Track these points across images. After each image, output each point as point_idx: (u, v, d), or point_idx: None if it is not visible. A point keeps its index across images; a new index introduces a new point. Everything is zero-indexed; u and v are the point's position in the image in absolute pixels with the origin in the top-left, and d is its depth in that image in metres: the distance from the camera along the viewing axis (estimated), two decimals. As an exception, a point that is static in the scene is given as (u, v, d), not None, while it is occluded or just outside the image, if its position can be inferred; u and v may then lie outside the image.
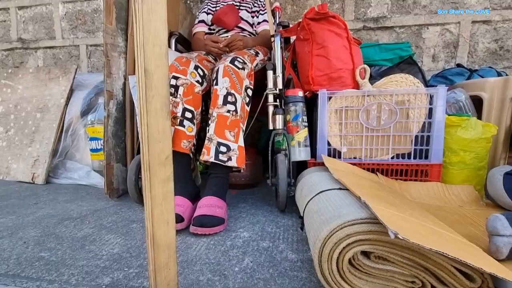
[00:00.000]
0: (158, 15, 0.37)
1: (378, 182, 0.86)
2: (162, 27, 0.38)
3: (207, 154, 0.86)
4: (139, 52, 0.37)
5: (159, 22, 0.38)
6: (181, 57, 0.94)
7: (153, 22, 0.37)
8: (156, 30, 0.37)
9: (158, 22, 0.38)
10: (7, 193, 1.24)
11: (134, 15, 0.36)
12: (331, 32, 0.99)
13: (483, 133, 0.92)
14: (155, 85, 0.38)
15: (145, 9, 0.36)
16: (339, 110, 1.00)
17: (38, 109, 1.53)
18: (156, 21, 0.37)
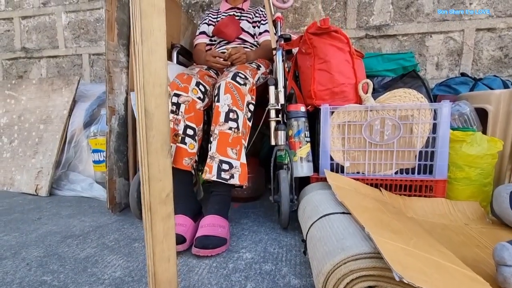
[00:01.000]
0: (158, 56, 0.37)
1: (381, 200, 0.85)
2: (162, 66, 0.38)
3: (209, 172, 0.85)
4: (139, 93, 0.37)
5: (159, 62, 0.37)
6: (182, 73, 0.94)
7: (153, 63, 0.37)
8: (156, 70, 0.37)
9: (159, 62, 0.37)
10: (11, 206, 1.24)
11: (134, 57, 0.36)
12: (333, 46, 0.98)
13: (489, 149, 0.91)
14: (156, 125, 0.38)
15: (145, 51, 0.36)
16: (341, 124, 0.99)
17: (42, 121, 1.54)
18: (156, 62, 0.37)
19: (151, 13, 0.35)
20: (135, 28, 0.35)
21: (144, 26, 0.35)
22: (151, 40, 0.36)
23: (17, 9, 2.14)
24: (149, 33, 0.36)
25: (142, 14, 0.35)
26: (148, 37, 0.36)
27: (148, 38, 0.36)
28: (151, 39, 0.36)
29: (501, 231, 0.80)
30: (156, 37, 0.36)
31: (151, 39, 0.36)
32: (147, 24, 0.35)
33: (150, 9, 0.35)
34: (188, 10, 1.85)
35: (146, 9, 0.35)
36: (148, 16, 0.35)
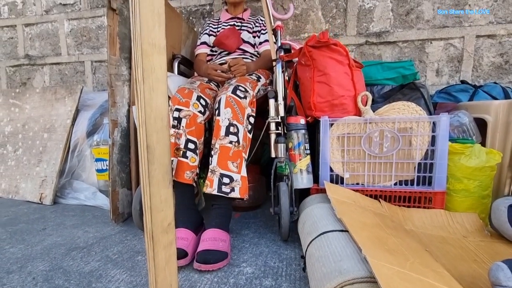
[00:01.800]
0: (159, 92, 0.38)
1: (380, 213, 0.86)
2: (163, 101, 0.39)
3: (210, 186, 0.87)
4: (141, 128, 0.38)
5: (161, 97, 0.39)
6: (183, 88, 0.96)
7: (155, 99, 0.38)
8: (158, 106, 0.38)
9: (160, 97, 0.39)
10: (17, 215, 1.27)
11: (136, 95, 0.37)
12: (333, 59, 0.99)
13: (487, 161, 0.92)
14: (157, 158, 0.39)
15: (146, 89, 0.37)
16: (341, 136, 1.00)
17: (45, 129, 1.56)
18: (157, 98, 0.38)
19: (152, 52, 0.37)
20: (136, 67, 0.37)
21: (146, 65, 0.36)
22: (152, 77, 0.37)
23: (20, 17, 2.16)
24: (150, 71, 0.37)
25: (143, 54, 0.36)
26: (149, 75, 0.37)
27: (149, 76, 0.37)
28: (152, 76, 0.37)
29: (499, 244, 0.81)
30: (157, 74, 0.38)
31: (152, 77, 0.37)
32: (148, 63, 0.37)
33: (151, 49, 0.36)
34: (189, 18, 1.87)
35: (147, 49, 0.36)
36: (149, 55, 0.37)
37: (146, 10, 0.35)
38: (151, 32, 0.36)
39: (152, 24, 0.36)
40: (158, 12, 0.37)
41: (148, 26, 0.36)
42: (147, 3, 0.36)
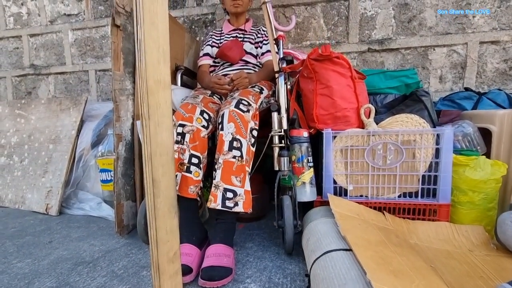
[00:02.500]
0: (164, 126, 0.39)
1: (384, 227, 0.86)
2: (169, 135, 0.40)
3: (214, 201, 0.87)
4: (147, 163, 0.39)
5: (166, 132, 0.39)
6: (187, 103, 0.96)
7: (160, 134, 0.39)
8: (163, 140, 0.39)
9: (165, 132, 0.39)
10: (23, 227, 1.28)
11: (143, 131, 0.38)
12: (335, 72, 0.99)
13: (492, 174, 0.91)
14: (163, 191, 0.40)
15: (152, 125, 0.38)
16: (344, 149, 1.00)
17: (51, 140, 1.58)
18: (163, 133, 0.39)
19: (158, 89, 0.37)
20: (142, 103, 0.37)
21: (151, 102, 0.37)
22: (157, 113, 0.38)
23: (25, 27, 2.19)
24: (155, 108, 0.38)
25: (149, 92, 0.37)
26: (155, 112, 0.37)
27: (155, 112, 0.37)
28: (158, 112, 0.38)
29: (506, 259, 0.80)
30: (163, 110, 0.38)
31: (158, 113, 0.38)
32: (153, 100, 0.37)
33: (157, 86, 0.37)
34: (191, 27, 1.88)
35: (152, 86, 0.37)
36: (155, 92, 0.37)
37: (151, 48, 0.36)
38: (156, 69, 0.37)
39: (157, 61, 0.37)
40: (163, 50, 0.37)
41: (153, 63, 0.37)
42: (153, 41, 0.36)
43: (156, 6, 0.36)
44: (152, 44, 0.36)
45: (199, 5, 1.86)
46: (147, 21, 0.36)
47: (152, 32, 0.36)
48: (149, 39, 0.36)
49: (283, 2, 1.72)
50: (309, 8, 1.71)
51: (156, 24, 0.36)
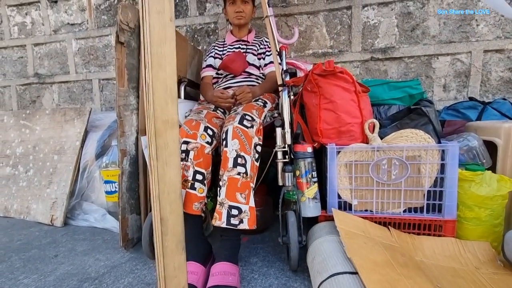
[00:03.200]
0: (172, 165, 0.39)
1: (390, 245, 0.86)
2: (177, 173, 0.40)
3: (219, 219, 0.87)
4: (155, 202, 0.39)
5: (174, 171, 0.39)
6: (191, 120, 0.97)
7: (168, 173, 0.39)
8: (171, 179, 0.39)
9: (173, 171, 0.39)
10: (29, 239, 1.29)
11: (151, 171, 0.38)
12: (339, 87, 0.99)
13: (498, 189, 0.90)
14: (171, 229, 0.40)
15: (160, 165, 0.38)
16: (348, 164, 1.00)
17: (55, 151, 1.59)
18: (171, 172, 0.39)
19: (165, 129, 0.37)
20: (150, 144, 0.37)
21: (159, 143, 0.37)
22: (165, 153, 0.38)
23: (29, 37, 2.21)
24: (163, 148, 0.38)
25: (157, 133, 0.37)
26: (163, 152, 0.38)
27: (163, 153, 0.38)
28: (166, 152, 0.38)
29: (513, 277, 0.80)
30: (170, 149, 0.38)
31: (166, 152, 0.38)
32: (161, 141, 0.37)
33: (164, 126, 0.37)
34: (194, 36, 1.89)
35: (160, 127, 0.37)
36: (163, 132, 0.37)
37: (159, 90, 0.36)
38: (164, 110, 0.37)
39: (165, 102, 0.37)
40: (170, 90, 0.38)
41: (161, 104, 0.37)
42: (160, 82, 0.36)
43: (163, 49, 0.36)
44: (160, 86, 0.36)
45: (202, 15, 1.86)
46: (155, 63, 0.36)
47: (160, 74, 0.36)
48: (157, 81, 0.36)
49: (285, 11, 1.72)
50: (311, 17, 1.71)
51: (164, 66, 0.37)
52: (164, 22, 0.34)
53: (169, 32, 0.35)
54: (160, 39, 0.34)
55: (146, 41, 0.34)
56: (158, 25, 0.34)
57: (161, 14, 0.33)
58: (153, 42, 0.34)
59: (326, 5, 1.66)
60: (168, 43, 0.35)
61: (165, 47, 0.35)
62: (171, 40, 0.36)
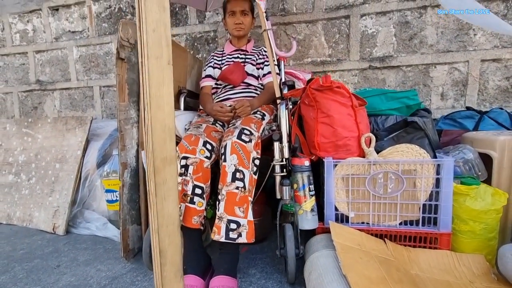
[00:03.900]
0: (171, 199, 0.41)
1: (386, 259, 0.87)
2: (174, 207, 0.42)
3: (217, 233, 0.89)
4: (153, 235, 0.41)
5: (172, 204, 0.41)
6: (190, 135, 0.98)
7: (166, 208, 0.40)
8: (170, 212, 0.41)
9: (171, 204, 0.41)
10: (31, 248, 1.31)
11: (150, 206, 0.40)
12: (336, 101, 1.01)
13: (493, 204, 0.92)
14: (169, 259, 0.42)
15: (159, 200, 0.39)
16: (345, 177, 1.01)
17: (57, 160, 1.61)
18: (169, 206, 0.41)
19: (164, 166, 0.39)
20: (149, 181, 0.39)
21: (158, 180, 0.39)
22: (164, 189, 0.40)
23: (31, 44, 2.23)
24: (162, 184, 0.39)
25: (155, 171, 0.38)
26: (161, 188, 0.39)
27: (161, 188, 0.39)
28: (164, 188, 0.40)
29: (506, 291, 0.81)
30: (169, 184, 0.40)
31: (164, 188, 0.40)
32: (160, 178, 0.39)
33: (163, 164, 0.39)
34: (193, 44, 1.90)
35: (159, 165, 0.39)
36: (161, 170, 0.39)
37: (157, 129, 0.38)
38: (163, 148, 0.39)
39: (163, 141, 0.39)
40: (169, 128, 0.39)
41: (159, 143, 0.38)
42: (159, 122, 0.38)
43: (161, 91, 0.38)
44: (158, 126, 0.38)
45: (201, 23, 1.88)
46: (154, 105, 0.38)
47: (158, 114, 0.38)
48: (156, 121, 0.38)
49: (284, 20, 1.74)
50: (310, 26, 1.72)
51: (162, 107, 0.38)
52: (162, 67, 0.35)
53: (167, 75, 0.37)
54: (158, 82, 0.36)
55: (145, 84, 0.36)
56: (156, 69, 0.35)
57: (159, 59, 0.35)
58: (152, 85, 0.36)
59: (325, 14, 1.68)
60: (166, 85, 0.37)
61: (163, 89, 0.37)
62: (169, 82, 0.37)
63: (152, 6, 0.33)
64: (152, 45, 0.34)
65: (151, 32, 0.34)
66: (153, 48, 0.34)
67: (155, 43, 0.35)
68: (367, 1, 1.61)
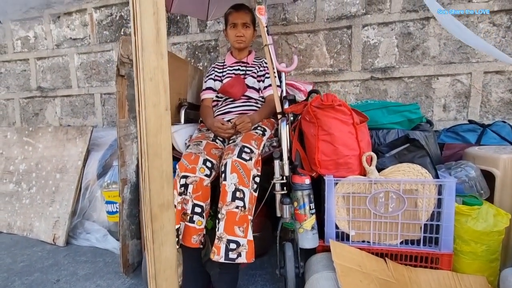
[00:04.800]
0: (168, 244, 0.40)
1: (386, 281, 0.86)
2: (172, 249, 0.41)
3: (217, 254, 0.88)
4: (151, 281, 0.40)
5: (169, 248, 0.41)
6: (190, 154, 0.98)
7: (164, 253, 0.40)
8: (167, 257, 0.40)
9: (168, 249, 0.40)
10: (31, 261, 1.31)
11: (147, 252, 0.39)
12: (337, 119, 1.00)
13: (495, 225, 0.91)
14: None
15: (156, 247, 0.39)
16: (346, 195, 1.00)
17: (58, 170, 1.61)
18: (166, 251, 0.40)
19: (161, 212, 0.39)
20: (146, 228, 0.38)
21: (155, 227, 0.38)
22: (161, 234, 0.39)
23: (32, 51, 2.23)
24: (159, 230, 0.39)
25: (153, 217, 0.38)
26: (159, 233, 0.39)
27: (159, 234, 0.39)
28: (162, 233, 0.39)
29: (508, 317, 0.80)
30: (167, 229, 0.40)
31: (162, 233, 0.39)
32: (157, 224, 0.38)
33: (161, 210, 0.38)
34: (194, 52, 1.90)
35: (157, 212, 0.38)
36: (159, 216, 0.39)
37: (155, 176, 0.37)
38: (160, 195, 0.38)
39: (161, 187, 0.38)
40: (166, 174, 0.39)
41: (157, 190, 0.38)
42: (156, 169, 0.38)
43: (159, 138, 0.37)
44: (156, 173, 0.38)
45: (202, 32, 1.87)
46: (151, 153, 0.37)
47: (156, 161, 0.38)
48: (153, 169, 0.37)
49: (285, 29, 1.73)
50: (311, 36, 1.71)
51: (160, 154, 0.38)
52: (159, 113, 0.35)
53: (164, 121, 0.36)
54: (156, 129, 0.36)
55: (143, 133, 0.35)
56: (154, 116, 0.35)
57: (157, 107, 0.34)
58: (150, 133, 0.35)
59: (327, 24, 1.67)
60: (163, 132, 0.36)
61: (160, 136, 0.36)
62: (167, 127, 0.37)
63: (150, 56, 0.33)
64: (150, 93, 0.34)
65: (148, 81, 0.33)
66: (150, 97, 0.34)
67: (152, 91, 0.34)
68: (369, 12, 1.60)
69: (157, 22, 0.34)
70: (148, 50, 0.33)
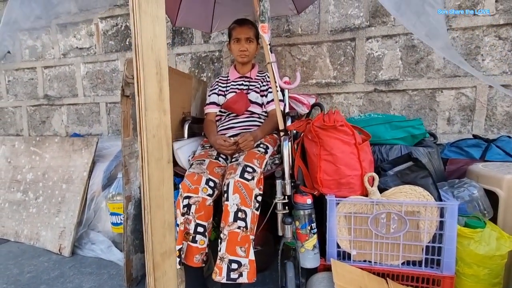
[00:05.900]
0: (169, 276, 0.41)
1: (387, 305, 0.87)
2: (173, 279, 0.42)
3: (219, 274, 0.90)
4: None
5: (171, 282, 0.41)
6: (193, 174, 0.99)
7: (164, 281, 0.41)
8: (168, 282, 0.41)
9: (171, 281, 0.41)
10: (38, 272, 1.34)
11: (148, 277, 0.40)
12: (339, 140, 1.00)
13: (498, 249, 0.90)
14: None
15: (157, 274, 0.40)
16: (348, 215, 1.01)
17: (64, 180, 1.64)
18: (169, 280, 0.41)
19: (163, 260, 0.40)
20: (149, 276, 0.39)
21: (157, 275, 0.39)
22: (163, 281, 0.40)
23: (40, 60, 2.27)
24: (161, 278, 0.40)
25: (155, 266, 0.39)
26: (161, 281, 0.40)
27: (161, 281, 0.40)
28: (164, 280, 0.40)
29: None
30: (168, 276, 0.41)
31: (164, 280, 0.40)
32: (159, 272, 0.39)
33: (163, 258, 0.39)
34: (198, 63, 1.91)
35: (159, 260, 0.39)
36: (161, 264, 0.39)
37: (157, 226, 0.38)
38: (162, 244, 0.39)
39: (163, 236, 0.39)
40: (168, 223, 0.40)
41: (159, 240, 0.39)
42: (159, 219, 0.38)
43: (161, 191, 0.38)
44: (158, 223, 0.39)
45: (206, 42, 1.89)
46: (154, 206, 0.38)
47: (158, 213, 0.39)
48: (155, 220, 0.38)
49: (289, 41, 1.73)
50: (315, 47, 1.72)
51: (162, 205, 0.39)
52: (162, 167, 0.36)
53: (167, 173, 0.37)
54: (158, 182, 0.37)
55: (145, 187, 0.37)
56: (156, 170, 0.36)
57: (159, 161, 0.36)
58: (152, 186, 0.37)
59: (330, 36, 1.67)
60: (166, 184, 0.38)
61: (163, 189, 0.37)
62: (169, 179, 0.38)
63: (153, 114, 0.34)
64: (153, 149, 0.35)
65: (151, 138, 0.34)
66: (153, 153, 0.35)
67: (155, 147, 0.35)
68: (373, 24, 1.60)
69: (160, 81, 0.35)
70: (151, 109, 0.34)
